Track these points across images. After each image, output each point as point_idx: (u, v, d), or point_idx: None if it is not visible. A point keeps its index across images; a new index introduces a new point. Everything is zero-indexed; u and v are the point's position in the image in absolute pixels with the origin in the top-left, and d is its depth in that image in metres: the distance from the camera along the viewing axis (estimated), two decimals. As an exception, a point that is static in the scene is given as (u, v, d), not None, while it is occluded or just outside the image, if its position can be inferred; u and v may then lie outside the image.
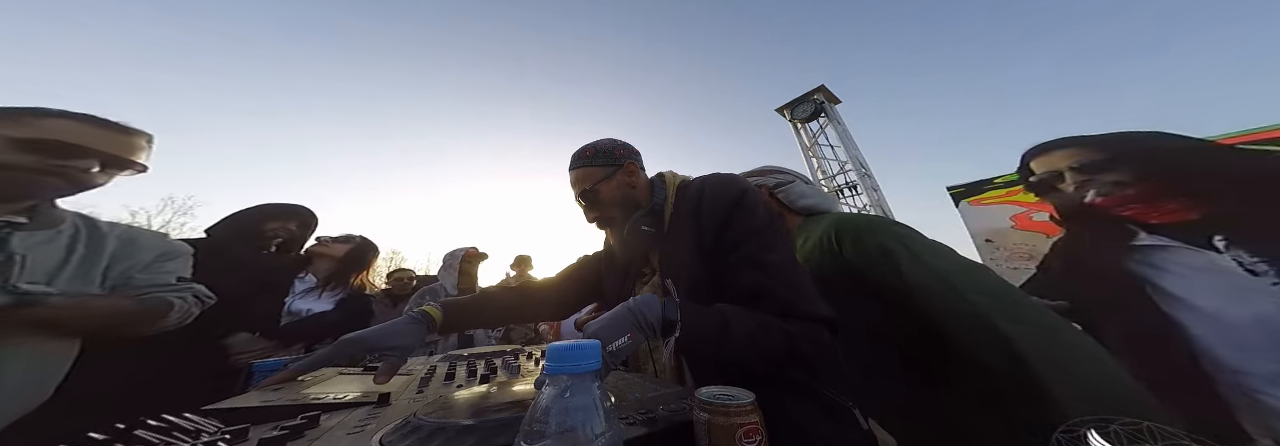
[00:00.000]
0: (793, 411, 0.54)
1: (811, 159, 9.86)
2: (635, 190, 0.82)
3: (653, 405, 0.48)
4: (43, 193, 0.76)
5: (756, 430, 0.38)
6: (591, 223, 0.86)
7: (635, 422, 0.43)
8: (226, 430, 0.45)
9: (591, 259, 1.04)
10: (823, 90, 10.04)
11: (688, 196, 0.77)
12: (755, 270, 0.63)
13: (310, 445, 0.42)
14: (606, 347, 0.46)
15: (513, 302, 1.00)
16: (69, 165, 0.74)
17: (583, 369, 0.33)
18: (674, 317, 0.53)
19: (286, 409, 0.55)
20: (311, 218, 1.51)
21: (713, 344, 0.55)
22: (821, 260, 0.90)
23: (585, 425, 0.30)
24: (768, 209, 0.72)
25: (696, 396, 0.40)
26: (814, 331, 0.58)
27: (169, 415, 0.49)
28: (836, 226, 0.91)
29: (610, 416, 0.32)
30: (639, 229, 0.78)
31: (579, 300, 1.04)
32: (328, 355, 0.70)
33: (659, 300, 0.56)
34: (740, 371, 0.55)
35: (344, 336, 0.71)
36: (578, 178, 0.82)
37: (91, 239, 0.81)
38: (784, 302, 0.60)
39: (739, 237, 0.67)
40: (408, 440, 0.40)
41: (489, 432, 0.39)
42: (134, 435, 0.43)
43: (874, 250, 0.82)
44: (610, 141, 0.85)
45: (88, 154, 0.75)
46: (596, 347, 0.34)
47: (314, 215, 1.53)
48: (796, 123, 10.27)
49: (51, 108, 0.74)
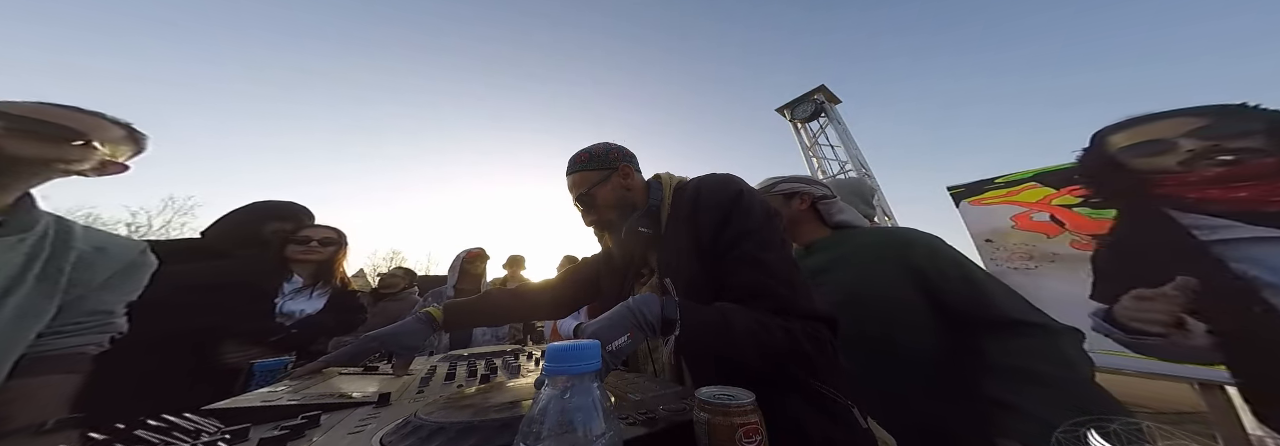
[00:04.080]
0: (792, 411, 0.54)
1: (812, 159, 9.85)
2: (631, 192, 0.83)
3: (653, 405, 0.48)
4: (29, 182, 0.71)
5: (756, 430, 0.38)
6: (590, 226, 0.86)
7: (635, 422, 0.43)
8: (226, 430, 0.45)
9: (591, 260, 1.05)
10: (823, 90, 10.04)
11: (685, 197, 0.77)
12: (754, 269, 0.63)
13: (310, 445, 0.42)
14: (606, 347, 0.46)
15: (510, 303, 1.03)
16: (65, 156, 0.70)
17: (582, 369, 0.33)
18: (673, 316, 0.53)
19: (287, 409, 0.55)
20: (307, 217, 1.49)
21: (712, 342, 0.55)
22: (874, 269, 0.93)
23: (585, 425, 0.30)
24: (765, 208, 0.72)
25: (696, 396, 0.40)
26: (813, 329, 0.58)
27: (169, 415, 0.49)
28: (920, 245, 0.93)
29: (610, 416, 0.32)
30: (636, 230, 0.78)
31: (577, 300, 1.05)
32: (352, 350, 0.82)
33: (658, 299, 0.56)
34: (740, 370, 0.54)
35: (366, 334, 0.84)
36: (574, 182, 0.83)
37: (57, 246, 0.74)
38: (783, 301, 0.60)
39: (737, 236, 0.67)
40: (408, 440, 0.40)
41: (489, 432, 0.39)
42: (134, 435, 0.43)
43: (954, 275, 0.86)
44: (605, 145, 0.86)
45: (88, 143, 0.71)
46: (596, 348, 0.34)
47: (310, 214, 1.50)
48: (797, 123, 10.26)
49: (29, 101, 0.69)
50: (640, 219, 0.79)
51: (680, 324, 0.53)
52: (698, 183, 0.78)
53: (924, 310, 0.86)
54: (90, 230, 0.81)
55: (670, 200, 0.81)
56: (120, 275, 0.82)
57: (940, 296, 0.85)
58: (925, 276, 0.87)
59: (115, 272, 0.81)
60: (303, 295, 1.32)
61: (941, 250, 0.91)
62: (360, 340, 0.83)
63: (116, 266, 0.81)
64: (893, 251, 0.93)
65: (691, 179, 0.83)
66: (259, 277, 1.25)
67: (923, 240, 0.94)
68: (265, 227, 1.38)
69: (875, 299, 0.88)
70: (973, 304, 0.82)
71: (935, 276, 0.86)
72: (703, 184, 0.77)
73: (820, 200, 1.12)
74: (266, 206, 1.43)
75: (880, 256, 0.94)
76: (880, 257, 0.94)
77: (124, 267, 0.83)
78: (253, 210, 1.41)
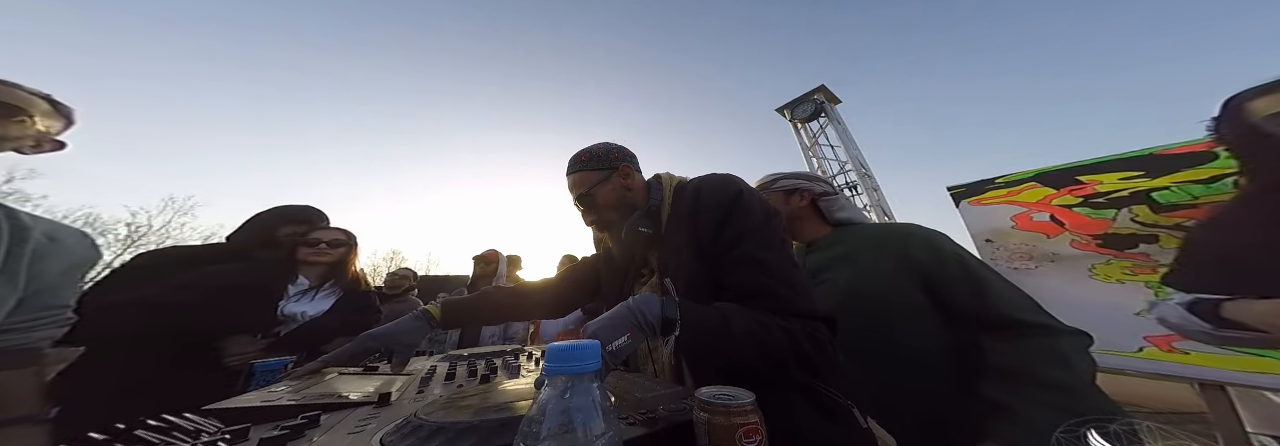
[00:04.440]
0: (792, 410, 0.54)
1: (812, 159, 9.86)
2: (631, 192, 0.83)
3: (653, 405, 0.48)
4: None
5: (756, 430, 0.38)
6: (590, 226, 0.86)
7: (635, 422, 0.43)
8: (226, 430, 0.45)
9: (590, 259, 1.05)
10: (823, 90, 10.05)
11: (685, 197, 0.77)
12: (753, 269, 0.64)
13: (311, 445, 0.42)
14: (606, 347, 0.46)
15: (509, 302, 1.04)
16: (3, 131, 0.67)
17: (582, 369, 0.33)
18: (673, 316, 0.54)
19: (287, 409, 0.55)
20: (320, 219, 1.51)
21: (712, 342, 0.55)
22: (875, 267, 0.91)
23: (585, 425, 0.30)
24: (765, 208, 0.72)
25: (696, 396, 0.40)
26: (813, 329, 0.58)
27: (169, 415, 0.49)
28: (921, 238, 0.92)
29: (610, 416, 0.32)
30: (636, 230, 0.78)
31: (577, 300, 1.05)
32: (351, 349, 0.82)
33: (658, 299, 0.56)
34: (740, 370, 0.54)
35: (364, 333, 0.84)
36: (574, 182, 0.83)
37: (15, 237, 0.70)
38: (783, 301, 0.60)
39: (736, 236, 0.67)
40: (408, 440, 0.40)
41: (489, 432, 0.39)
42: (134, 435, 0.43)
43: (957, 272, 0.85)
44: (605, 145, 0.86)
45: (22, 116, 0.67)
46: (596, 348, 0.34)
47: (324, 216, 1.53)
48: (797, 123, 10.27)
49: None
50: (640, 219, 0.79)
51: (680, 324, 0.53)
52: (698, 183, 0.78)
53: (926, 308, 0.85)
54: (40, 219, 0.76)
55: (670, 200, 0.81)
56: (74, 267, 0.78)
57: (942, 295, 0.84)
58: (927, 273, 0.86)
59: (70, 265, 0.77)
60: (306, 297, 1.33)
61: (943, 246, 0.90)
62: (359, 339, 0.83)
63: (71, 258, 0.77)
64: (894, 248, 0.92)
65: (691, 179, 0.83)
66: (263, 279, 1.26)
67: (924, 236, 0.92)
68: (279, 231, 1.40)
69: (877, 297, 0.88)
70: (974, 301, 0.81)
71: (937, 273, 0.85)
72: (703, 184, 0.77)
73: (821, 197, 1.11)
74: (281, 211, 1.46)
75: (881, 254, 0.93)
76: (881, 255, 0.92)
77: (78, 260, 0.79)
78: (269, 215, 1.44)
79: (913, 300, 0.85)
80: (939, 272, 0.85)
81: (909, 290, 0.86)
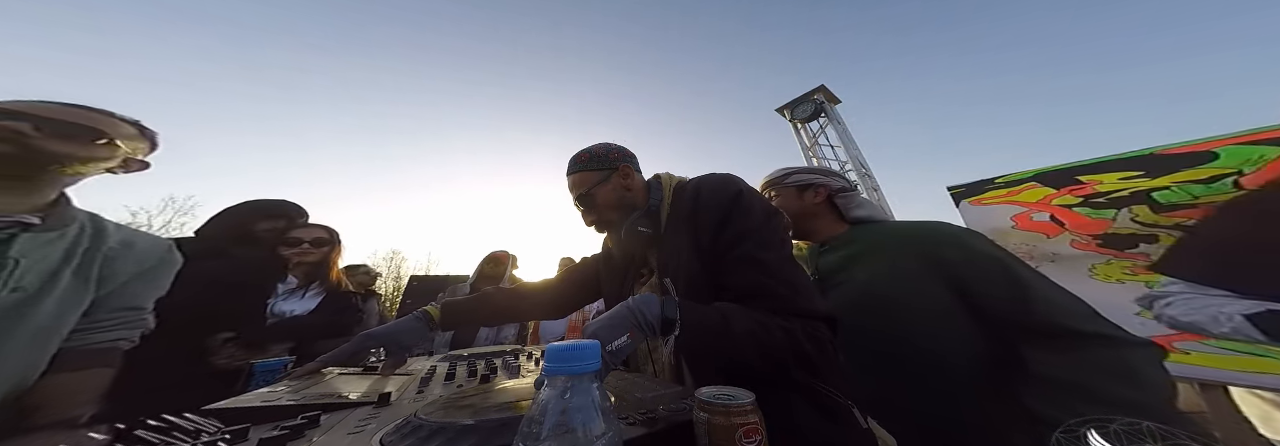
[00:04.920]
0: (792, 410, 0.54)
1: (812, 159, 9.85)
2: (631, 192, 0.83)
3: (653, 405, 0.48)
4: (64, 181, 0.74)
5: (756, 430, 0.38)
6: (590, 226, 0.86)
7: (635, 422, 0.43)
8: (226, 430, 0.45)
9: (590, 260, 1.05)
10: (823, 90, 10.04)
11: (685, 196, 0.77)
12: (753, 268, 0.64)
13: (311, 445, 0.42)
14: (606, 347, 0.46)
15: (508, 303, 1.03)
16: (93, 154, 0.72)
17: (582, 369, 0.33)
18: (673, 316, 0.53)
19: (286, 409, 0.55)
20: (300, 215, 1.47)
21: (712, 342, 0.55)
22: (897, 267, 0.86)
23: (585, 425, 0.30)
24: (765, 208, 0.72)
25: (696, 396, 0.40)
26: (813, 328, 0.58)
27: (169, 415, 0.49)
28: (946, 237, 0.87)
29: (610, 416, 0.32)
30: (636, 230, 0.78)
31: (576, 300, 1.05)
32: (349, 349, 0.82)
33: (658, 299, 0.56)
34: (740, 370, 0.54)
35: (362, 333, 0.85)
36: (574, 182, 0.83)
37: (94, 242, 0.77)
38: (783, 300, 0.60)
39: (736, 236, 0.67)
40: (408, 440, 0.40)
41: (489, 432, 0.39)
42: (134, 435, 0.43)
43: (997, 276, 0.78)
44: (605, 146, 0.86)
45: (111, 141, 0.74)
46: (596, 348, 0.34)
47: (303, 212, 1.49)
48: (796, 123, 10.26)
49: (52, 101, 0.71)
50: (640, 219, 0.79)
51: (680, 324, 0.53)
52: (698, 183, 0.78)
53: (952, 311, 0.78)
54: (120, 227, 0.83)
55: (670, 200, 0.81)
56: (150, 271, 0.83)
57: (977, 299, 0.77)
58: (957, 274, 0.79)
59: (144, 269, 0.82)
60: (294, 296, 1.32)
61: (975, 245, 0.83)
62: (357, 339, 0.84)
63: (145, 262, 0.82)
64: (919, 246, 0.86)
65: (691, 179, 0.83)
66: (254, 278, 1.25)
67: (953, 234, 0.86)
68: (256, 227, 1.36)
69: (896, 298, 0.82)
70: (1015, 306, 0.74)
71: (972, 277, 0.78)
72: (703, 184, 0.77)
73: (838, 193, 1.04)
74: (257, 205, 1.41)
75: (904, 252, 0.86)
76: (904, 253, 0.86)
77: (154, 264, 0.84)
78: (244, 209, 1.39)
79: (938, 301, 0.79)
80: (971, 273, 0.79)
81: (934, 291, 0.80)
